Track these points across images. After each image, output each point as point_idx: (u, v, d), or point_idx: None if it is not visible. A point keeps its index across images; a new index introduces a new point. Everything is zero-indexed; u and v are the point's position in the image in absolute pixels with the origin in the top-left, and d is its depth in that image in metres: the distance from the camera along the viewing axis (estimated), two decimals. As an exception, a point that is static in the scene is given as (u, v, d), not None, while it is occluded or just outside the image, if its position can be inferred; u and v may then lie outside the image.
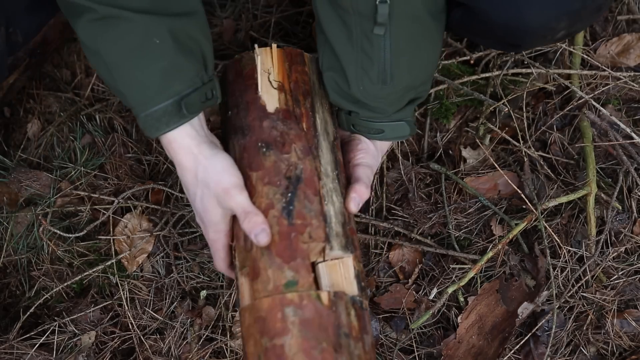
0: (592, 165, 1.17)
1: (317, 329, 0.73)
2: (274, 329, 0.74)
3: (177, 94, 0.82)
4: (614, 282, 1.14)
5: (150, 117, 0.82)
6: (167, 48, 0.81)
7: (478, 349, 1.12)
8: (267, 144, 0.84)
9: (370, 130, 0.93)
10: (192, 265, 1.21)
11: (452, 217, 1.21)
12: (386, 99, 0.89)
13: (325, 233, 0.80)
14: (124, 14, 0.79)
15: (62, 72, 1.41)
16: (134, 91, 0.82)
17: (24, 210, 1.27)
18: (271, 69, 0.89)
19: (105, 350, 1.15)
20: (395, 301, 1.16)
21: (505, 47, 1.05)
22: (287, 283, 0.76)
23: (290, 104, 0.87)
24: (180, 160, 0.86)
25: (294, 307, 0.74)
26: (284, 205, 0.81)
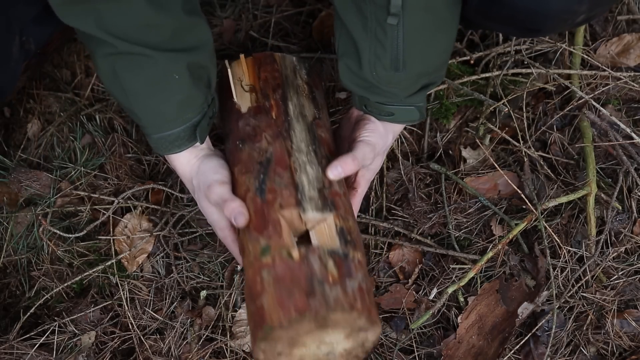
0: (592, 165, 1.17)
1: (289, 282, 0.77)
2: (256, 293, 0.79)
3: (189, 121, 0.91)
4: (614, 282, 1.14)
5: (163, 140, 0.91)
6: (184, 83, 0.88)
7: (478, 349, 1.12)
8: (242, 140, 0.93)
9: (381, 112, 0.95)
10: (192, 265, 1.21)
11: (452, 217, 1.21)
12: (398, 84, 0.90)
13: (297, 199, 0.85)
14: (144, 51, 0.84)
15: (62, 72, 1.41)
16: (149, 117, 0.90)
17: (24, 210, 1.27)
18: (242, 76, 0.99)
19: (105, 350, 1.15)
20: (395, 301, 1.16)
21: (524, 32, 1.06)
22: (262, 250, 0.81)
23: (260, 100, 0.96)
24: (181, 173, 0.97)
25: (267, 269, 0.79)
26: (257, 186, 0.87)
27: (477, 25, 1.18)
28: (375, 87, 0.91)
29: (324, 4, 1.40)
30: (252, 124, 0.94)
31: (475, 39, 1.35)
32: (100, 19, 0.82)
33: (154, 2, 0.83)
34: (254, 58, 1.02)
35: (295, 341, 0.77)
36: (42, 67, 1.39)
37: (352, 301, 0.77)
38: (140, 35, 0.84)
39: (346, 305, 0.75)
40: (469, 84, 1.28)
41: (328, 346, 0.81)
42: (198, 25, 0.91)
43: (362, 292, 0.79)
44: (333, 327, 0.77)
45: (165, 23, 0.85)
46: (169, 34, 0.86)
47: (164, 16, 0.84)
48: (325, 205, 0.86)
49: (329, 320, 0.75)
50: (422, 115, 0.96)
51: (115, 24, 0.82)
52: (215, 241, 1.22)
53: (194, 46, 0.89)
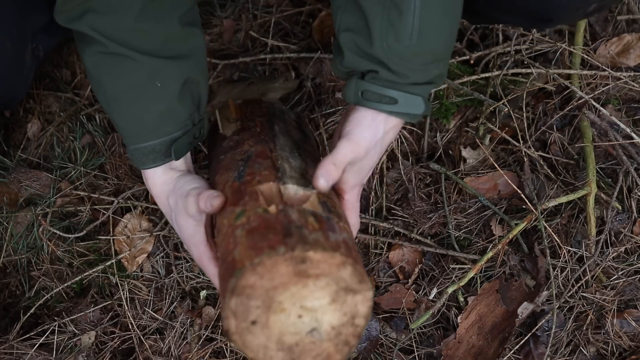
0: (592, 165, 1.17)
1: (264, 229, 0.70)
2: (228, 249, 0.72)
3: (167, 135, 0.86)
4: (614, 282, 1.14)
5: (138, 152, 0.87)
6: (167, 93, 0.85)
7: (478, 349, 1.12)
8: (225, 152, 0.90)
9: (382, 98, 0.81)
10: (192, 265, 1.21)
11: (452, 217, 1.21)
12: (410, 61, 0.80)
13: (276, 176, 0.79)
14: (132, 54, 0.82)
15: (62, 72, 1.41)
16: (128, 124, 0.86)
17: (24, 210, 1.27)
18: (229, 114, 0.98)
19: (105, 350, 1.15)
20: (395, 301, 1.16)
21: (536, 23, 1.03)
22: (237, 215, 0.75)
23: (245, 123, 0.94)
24: (156, 193, 0.90)
25: (241, 227, 0.72)
26: (236, 175, 0.82)
27: (485, 18, 1.14)
28: (384, 66, 0.80)
29: (324, 4, 1.40)
30: (235, 139, 0.91)
31: (475, 39, 1.35)
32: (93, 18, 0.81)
33: (148, 11, 0.82)
34: (242, 102, 1.02)
35: (271, 300, 0.67)
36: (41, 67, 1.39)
37: (334, 245, 0.69)
38: (131, 39, 0.82)
39: (327, 246, 0.67)
40: (469, 84, 1.28)
41: (311, 316, 0.69)
42: (192, 35, 0.89)
43: (347, 244, 0.72)
44: (314, 279, 0.67)
45: (157, 30, 0.84)
46: (160, 42, 0.84)
47: (156, 24, 0.83)
48: (308, 183, 0.80)
49: (307, 262, 0.66)
50: (427, 108, 0.84)
51: (106, 24, 0.82)
52: (215, 241, 1.22)
53: (184, 56, 0.87)
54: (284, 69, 1.36)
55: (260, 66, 1.38)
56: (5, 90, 1.06)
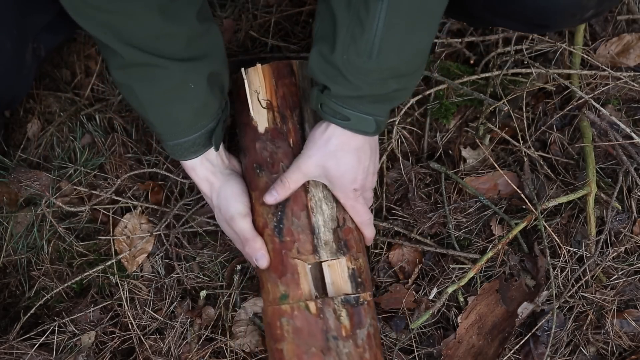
0: (592, 165, 1.17)
1: (307, 335, 0.89)
2: (275, 335, 0.92)
3: (204, 127, 0.92)
4: (613, 282, 1.14)
5: (178, 147, 0.93)
6: (201, 91, 0.89)
7: (478, 349, 1.12)
8: (260, 165, 0.95)
9: (336, 114, 0.87)
10: (192, 265, 1.21)
11: (451, 217, 1.21)
12: (367, 76, 0.82)
13: (313, 245, 0.92)
14: (162, 62, 0.84)
15: (62, 72, 1.41)
16: (165, 125, 0.91)
17: (23, 210, 1.27)
18: (259, 87, 0.96)
19: (105, 350, 1.15)
20: (395, 301, 1.16)
21: (532, 28, 1.04)
22: (281, 296, 0.91)
23: (278, 122, 0.95)
24: (200, 187, 1.00)
25: (287, 317, 0.90)
26: (275, 224, 0.93)
27: (483, 22, 1.15)
28: (341, 77, 0.83)
29: (324, 4, 1.40)
30: (270, 149, 0.94)
31: (475, 39, 1.35)
32: (116, 29, 0.81)
33: (168, 13, 0.82)
34: (271, 67, 0.98)
35: None
36: (41, 67, 1.39)
37: (362, 352, 0.89)
38: (155, 45, 0.83)
39: (356, 358, 0.89)
40: (469, 83, 1.28)
41: None
42: (210, 30, 0.91)
43: (370, 340, 0.91)
44: None
45: (179, 32, 0.84)
46: (184, 43, 0.85)
47: (178, 26, 0.84)
48: (339, 248, 0.94)
49: None
50: (378, 128, 0.89)
51: (130, 34, 0.82)
52: (215, 241, 1.22)
53: (208, 53, 0.89)
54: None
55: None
56: (6, 90, 1.06)
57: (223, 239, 1.22)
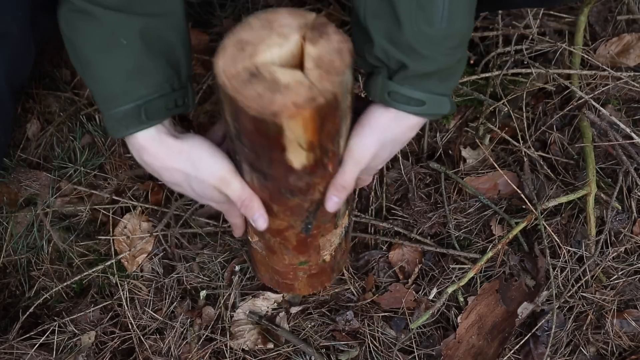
0: (591, 165, 1.17)
1: (320, 275, 1.03)
2: (287, 277, 1.02)
3: (140, 98, 0.79)
4: (613, 282, 1.14)
5: (112, 118, 0.80)
6: (134, 50, 0.78)
7: (478, 349, 1.12)
8: (292, 191, 0.83)
9: (410, 100, 0.80)
10: (192, 265, 1.21)
11: (451, 217, 1.21)
12: (440, 44, 0.77)
13: (334, 223, 0.93)
14: (95, 10, 0.76)
15: (62, 71, 1.41)
16: (99, 89, 0.80)
17: (23, 210, 1.27)
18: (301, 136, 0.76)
19: (105, 350, 1.15)
20: (395, 301, 1.16)
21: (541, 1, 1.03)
22: (300, 263, 0.97)
23: (318, 158, 0.79)
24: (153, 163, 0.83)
25: (303, 271, 1.00)
26: (303, 226, 0.88)
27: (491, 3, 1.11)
28: (415, 53, 0.77)
29: (324, 4, 1.40)
30: (306, 180, 0.81)
31: (475, 39, 1.35)
32: None
33: None
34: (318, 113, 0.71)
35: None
36: (41, 66, 1.39)
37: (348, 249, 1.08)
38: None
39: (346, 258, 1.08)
40: (469, 83, 1.28)
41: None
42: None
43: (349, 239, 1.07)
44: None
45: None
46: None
47: None
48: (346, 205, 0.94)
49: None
50: (452, 107, 0.83)
51: None
52: (215, 241, 1.22)
53: (153, 12, 0.79)
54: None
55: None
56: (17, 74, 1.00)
57: (223, 239, 1.22)
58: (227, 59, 0.67)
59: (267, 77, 0.68)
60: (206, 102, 1.32)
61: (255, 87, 0.67)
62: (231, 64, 0.67)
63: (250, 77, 0.68)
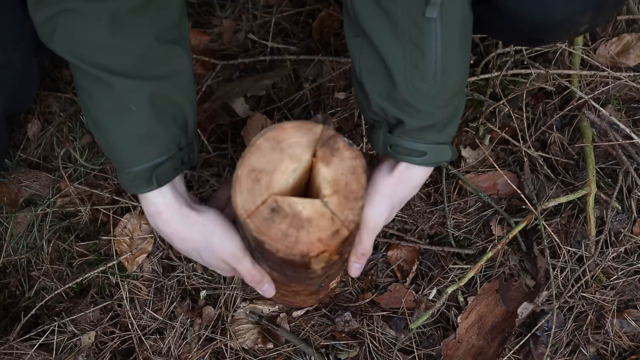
0: (591, 165, 1.17)
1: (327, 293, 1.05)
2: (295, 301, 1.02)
3: (149, 161, 0.80)
4: (613, 282, 1.14)
5: (124, 177, 0.81)
6: (143, 116, 0.79)
7: (478, 349, 1.12)
8: (310, 278, 0.83)
9: (412, 152, 0.82)
10: (193, 265, 1.21)
11: (451, 216, 1.21)
12: (435, 98, 0.79)
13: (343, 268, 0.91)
14: (104, 77, 0.77)
15: (62, 72, 1.41)
16: (111, 151, 0.82)
17: (23, 210, 1.27)
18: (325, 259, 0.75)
19: (105, 350, 1.15)
20: (395, 300, 1.16)
21: (526, 42, 1.03)
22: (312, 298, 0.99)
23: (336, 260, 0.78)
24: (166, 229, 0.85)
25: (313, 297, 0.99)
26: (317, 286, 0.90)
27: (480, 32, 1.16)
28: (410, 108, 0.79)
29: (324, 4, 1.40)
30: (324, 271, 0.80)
31: (475, 39, 1.35)
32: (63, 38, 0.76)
33: (119, 25, 0.75)
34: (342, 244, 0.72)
35: None
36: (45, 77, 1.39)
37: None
38: (101, 58, 0.76)
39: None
40: (469, 84, 1.28)
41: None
42: (172, 55, 0.81)
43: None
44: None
45: (128, 49, 0.77)
46: (132, 61, 0.77)
47: (127, 42, 0.76)
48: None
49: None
50: (454, 153, 0.85)
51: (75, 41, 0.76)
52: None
53: (162, 75, 0.80)
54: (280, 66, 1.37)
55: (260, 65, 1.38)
56: (17, 104, 1.03)
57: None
58: (245, 194, 0.67)
59: (288, 211, 0.68)
60: (206, 102, 1.32)
61: (279, 225, 0.67)
62: (250, 199, 0.67)
63: (271, 214, 0.67)
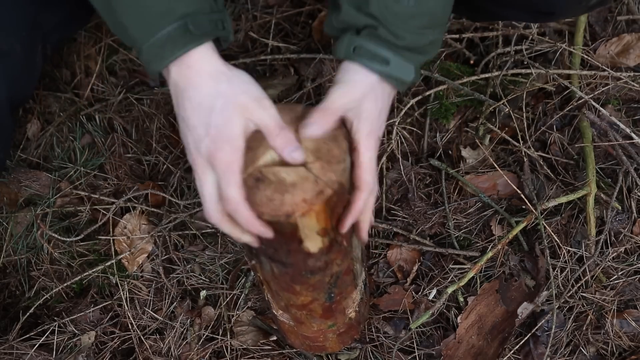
0: (591, 165, 1.17)
1: (349, 331, 1.03)
2: (317, 341, 1.02)
3: (181, 17, 0.73)
4: (613, 282, 1.14)
5: (154, 46, 0.74)
6: None
7: (478, 349, 1.12)
8: (312, 272, 0.83)
9: (374, 57, 0.77)
10: (193, 265, 1.21)
11: (451, 217, 1.21)
12: (406, 22, 0.76)
13: (355, 284, 0.94)
14: None
15: (62, 72, 1.41)
16: (134, 17, 0.74)
17: (23, 210, 1.27)
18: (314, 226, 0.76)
19: (105, 350, 1.15)
20: (394, 302, 1.16)
21: (537, 17, 1.01)
22: (329, 326, 0.98)
23: (333, 238, 0.80)
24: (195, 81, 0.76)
25: (333, 332, 1.00)
26: (326, 296, 0.90)
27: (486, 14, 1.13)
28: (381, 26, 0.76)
29: (324, 4, 1.40)
30: (324, 259, 0.82)
31: (475, 39, 1.35)
32: None
33: None
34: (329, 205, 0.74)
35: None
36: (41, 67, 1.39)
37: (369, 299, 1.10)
38: None
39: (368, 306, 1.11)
40: (469, 84, 1.28)
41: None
42: None
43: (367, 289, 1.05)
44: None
45: None
46: None
47: None
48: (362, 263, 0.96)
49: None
50: (417, 76, 0.81)
51: None
52: (215, 242, 1.22)
53: None
54: (283, 68, 1.37)
55: (260, 66, 1.38)
56: (19, 92, 1.03)
57: (224, 240, 1.22)
58: None
59: (273, 179, 0.70)
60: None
61: (264, 192, 0.69)
62: None
63: (256, 183, 0.70)
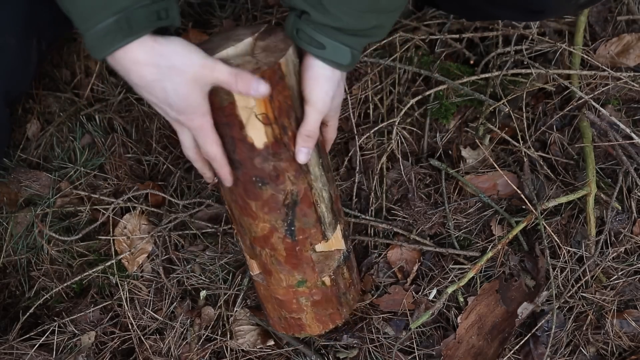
0: (591, 165, 1.17)
1: (325, 303, 1.01)
2: (291, 308, 1.01)
3: (120, 11, 0.74)
4: (613, 283, 1.14)
5: (94, 37, 0.75)
6: None
7: (478, 349, 1.12)
8: (262, 179, 0.85)
9: (312, 41, 0.82)
10: (193, 266, 1.21)
11: (451, 217, 1.21)
12: (346, 5, 0.79)
13: (322, 233, 0.94)
14: None
15: (62, 72, 1.41)
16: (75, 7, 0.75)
17: (23, 210, 1.27)
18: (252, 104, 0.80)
19: (105, 351, 1.15)
20: (394, 303, 1.16)
21: (528, 16, 1.02)
22: (298, 283, 0.97)
23: (278, 134, 0.84)
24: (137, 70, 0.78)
25: (305, 296, 0.99)
26: (286, 228, 0.90)
27: (481, 14, 1.14)
28: (320, 5, 0.79)
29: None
30: (272, 162, 0.84)
31: (475, 39, 1.35)
32: None
33: None
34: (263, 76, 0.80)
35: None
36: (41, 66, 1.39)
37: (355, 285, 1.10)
38: None
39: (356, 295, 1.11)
40: (469, 84, 1.28)
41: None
42: None
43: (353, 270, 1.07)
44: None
45: None
46: None
47: None
48: (336, 220, 0.97)
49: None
50: (354, 59, 0.84)
51: None
52: (215, 242, 1.22)
53: None
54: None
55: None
56: (15, 86, 1.03)
57: (224, 240, 1.22)
58: None
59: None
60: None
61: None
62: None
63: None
